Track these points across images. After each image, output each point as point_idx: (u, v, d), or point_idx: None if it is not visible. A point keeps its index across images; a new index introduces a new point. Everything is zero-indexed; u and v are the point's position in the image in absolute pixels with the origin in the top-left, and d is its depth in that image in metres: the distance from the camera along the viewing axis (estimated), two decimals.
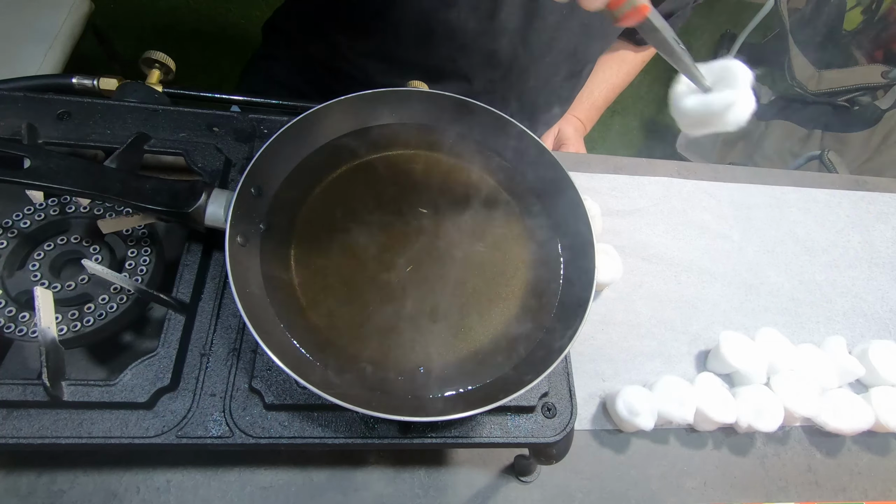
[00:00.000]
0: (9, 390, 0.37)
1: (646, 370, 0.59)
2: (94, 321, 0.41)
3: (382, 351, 0.43)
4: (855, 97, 1.55)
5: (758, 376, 0.58)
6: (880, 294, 0.70)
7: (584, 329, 0.41)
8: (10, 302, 0.41)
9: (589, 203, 0.56)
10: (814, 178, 0.81)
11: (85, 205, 0.45)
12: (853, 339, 0.66)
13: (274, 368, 0.41)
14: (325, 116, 0.49)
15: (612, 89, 0.93)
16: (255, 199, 0.45)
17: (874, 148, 1.53)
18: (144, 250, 0.45)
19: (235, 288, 0.38)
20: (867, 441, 0.59)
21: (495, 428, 0.42)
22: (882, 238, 0.76)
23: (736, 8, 2.25)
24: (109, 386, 0.38)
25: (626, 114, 2.03)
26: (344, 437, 0.40)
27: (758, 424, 0.54)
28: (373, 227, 0.48)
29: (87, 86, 0.57)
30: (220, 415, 0.39)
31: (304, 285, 0.44)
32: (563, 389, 0.44)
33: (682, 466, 0.55)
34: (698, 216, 0.72)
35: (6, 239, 0.43)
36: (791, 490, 0.55)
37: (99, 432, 0.38)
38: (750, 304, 0.66)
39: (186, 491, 0.46)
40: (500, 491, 0.50)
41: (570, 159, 0.76)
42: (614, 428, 0.55)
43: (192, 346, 0.41)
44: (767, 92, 1.68)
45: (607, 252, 0.62)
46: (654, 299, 0.65)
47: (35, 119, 0.48)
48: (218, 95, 0.63)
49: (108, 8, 1.73)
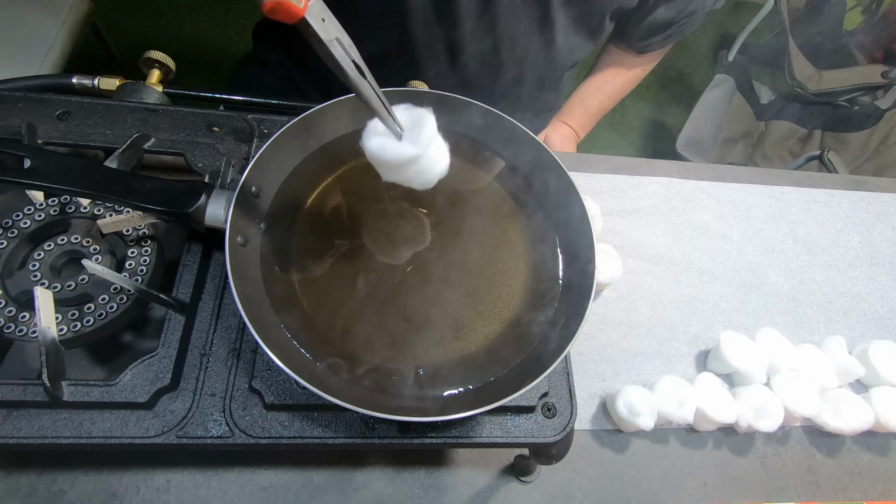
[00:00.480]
0: (9, 390, 0.37)
1: (646, 370, 0.59)
2: (94, 321, 0.41)
3: (382, 351, 0.43)
4: (855, 97, 1.55)
5: (758, 376, 0.58)
6: (880, 294, 0.70)
7: (584, 329, 0.41)
8: (10, 302, 0.41)
9: (589, 203, 0.56)
10: (814, 178, 0.81)
11: (85, 205, 0.45)
12: (853, 339, 0.66)
13: (274, 368, 0.41)
14: (324, 116, 0.49)
15: (608, 97, 0.91)
16: (255, 199, 0.45)
17: (874, 148, 1.53)
18: (144, 250, 0.45)
19: (235, 288, 0.38)
20: (867, 441, 0.59)
21: (495, 428, 0.42)
22: (882, 238, 0.76)
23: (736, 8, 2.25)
24: (109, 386, 0.38)
25: (626, 114, 2.03)
26: (344, 437, 0.40)
27: (758, 424, 0.54)
28: (372, 228, 0.48)
29: (87, 86, 0.57)
30: (220, 415, 0.39)
31: (304, 285, 0.44)
32: (563, 389, 0.44)
33: (682, 466, 0.55)
34: (698, 216, 0.72)
35: (6, 239, 0.43)
36: (791, 490, 0.55)
37: (99, 432, 0.38)
38: (750, 304, 0.66)
39: (186, 491, 0.46)
40: (500, 491, 0.50)
41: (571, 159, 0.76)
42: (614, 428, 0.55)
43: (192, 346, 0.41)
44: (767, 92, 1.69)
45: (607, 252, 0.62)
46: (654, 299, 0.65)
47: (35, 119, 0.48)
48: (218, 95, 0.63)
49: (108, 8, 1.73)
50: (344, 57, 0.35)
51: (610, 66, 0.90)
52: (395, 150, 0.39)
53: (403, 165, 0.40)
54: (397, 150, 0.39)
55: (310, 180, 0.49)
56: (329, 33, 0.34)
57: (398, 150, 0.39)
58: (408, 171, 0.40)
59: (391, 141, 0.39)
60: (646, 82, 0.99)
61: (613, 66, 0.90)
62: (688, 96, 2.01)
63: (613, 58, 0.89)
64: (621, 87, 0.91)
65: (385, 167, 0.41)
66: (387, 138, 0.39)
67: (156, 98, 0.56)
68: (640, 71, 0.91)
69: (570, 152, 0.89)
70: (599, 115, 0.94)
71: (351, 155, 0.51)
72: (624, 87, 0.92)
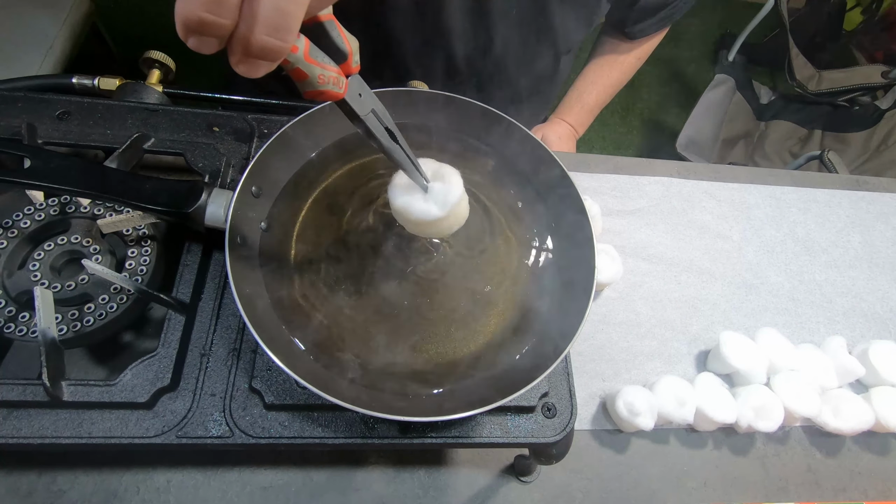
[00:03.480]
0: (9, 390, 0.37)
1: (646, 370, 0.59)
2: (94, 321, 0.41)
3: (382, 351, 0.43)
4: (855, 97, 1.55)
5: (758, 376, 0.58)
6: (880, 294, 0.70)
7: (584, 329, 0.41)
8: (10, 302, 0.41)
9: (589, 203, 0.56)
10: (814, 178, 0.81)
11: (85, 205, 0.45)
12: (853, 339, 0.66)
13: (274, 368, 0.41)
14: (325, 117, 0.49)
15: (604, 90, 0.90)
16: (255, 199, 0.45)
17: (874, 148, 1.53)
18: (144, 250, 0.45)
19: (235, 288, 0.38)
20: (867, 441, 0.59)
21: (495, 428, 0.42)
22: (882, 238, 0.76)
23: (736, 8, 2.25)
24: (109, 386, 0.38)
25: (626, 114, 2.03)
26: (344, 437, 0.40)
27: (758, 424, 0.54)
28: (373, 228, 0.48)
29: (87, 86, 0.57)
30: (220, 415, 0.39)
31: (304, 285, 0.44)
32: (563, 389, 0.44)
33: (682, 466, 0.55)
34: (698, 216, 0.72)
35: (6, 239, 0.43)
36: (791, 490, 0.55)
37: (99, 432, 0.38)
38: (750, 304, 0.66)
39: (186, 491, 0.46)
40: (500, 491, 0.50)
41: (571, 159, 0.76)
42: (614, 428, 0.55)
43: (192, 346, 0.41)
44: (767, 92, 1.69)
45: (607, 252, 0.62)
46: (654, 299, 0.65)
47: (35, 119, 0.48)
48: (218, 95, 0.63)
49: (108, 8, 1.73)
50: (378, 127, 0.35)
51: (604, 57, 0.89)
52: (420, 211, 0.40)
53: (428, 224, 0.40)
54: (423, 211, 0.39)
55: (310, 180, 0.49)
56: (365, 108, 0.34)
57: (424, 211, 0.39)
58: (430, 228, 0.41)
59: (418, 201, 0.40)
60: (646, 82, 0.99)
61: (608, 58, 0.89)
62: (688, 96, 2.01)
63: (608, 48, 0.89)
64: (617, 78, 0.90)
65: (410, 223, 0.42)
66: (412, 197, 0.40)
67: (156, 98, 0.56)
68: (635, 60, 0.90)
69: (570, 152, 0.89)
70: (597, 110, 0.93)
71: (351, 155, 0.51)
72: (620, 79, 0.91)
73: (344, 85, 0.32)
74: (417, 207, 0.40)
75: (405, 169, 0.38)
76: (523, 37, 0.73)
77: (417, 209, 0.40)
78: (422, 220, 0.40)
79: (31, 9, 1.11)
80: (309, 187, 0.49)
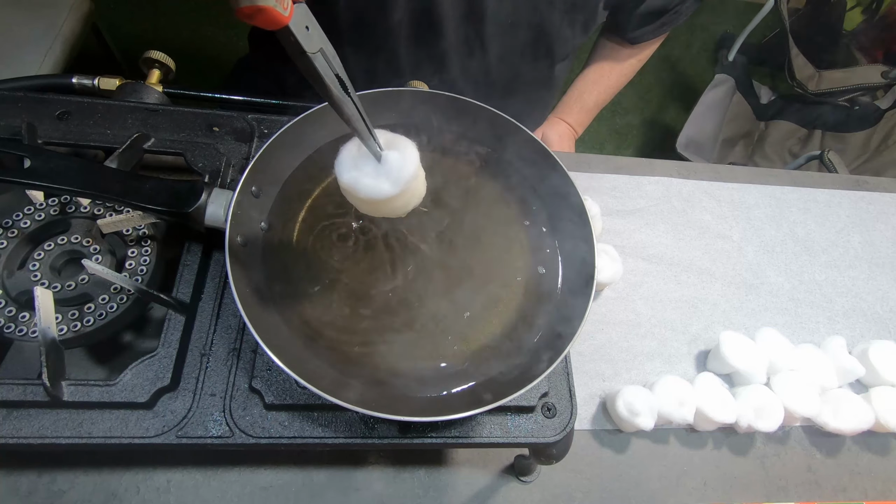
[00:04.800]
0: (9, 390, 0.37)
1: (646, 370, 0.59)
2: (94, 321, 0.41)
3: (383, 351, 0.43)
4: (855, 97, 1.55)
5: (758, 376, 0.58)
6: (880, 294, 0.70)
7: (584, 329, 0.41)
8: (10, 302, 0.41)
9: (589, 203, 0.56)
10: (814, 178, 0.81)
11: (85, 205, 0.45)
12: (853, 339, 0.66)
13: (274, 368, 0.41)
14: (325, 116, 0.49)
15: (603, 91, 0.90)
16: (255, 199, 0.45)
17: (874, 148, 1.53)
18: (144, 250, 0.45)
19: (235, 288, 0.38)
20: (867, 441, 0.59)
21: (495, 428, 0.42)
22: (882, 238, 0.76)
23: (736, 8, 2.25)
24: (109, 386, 0.38)
25: (626, 114, 2.03)
26: (344, 437, 0.40)
27: (758, 424, 0.54)
28: (373, 228, 0.48)
29: (87, 86, 0.57)
30: (220, 415, 0.39)
31: (304, 285, 0.44)
32: (563, 389, 0.44)
33: (682, 466, 0.55)
34: (698, 216, 0.72)
35: (6, 239, 0.43)
36: (791, 490, 0.55)
37: (99, 432, 0.38)
38: (750, 304, 0.66)
39: (186, 491, 0.46)
40: (500, 491, 0.50)
41: (571, 159, 0.76)
42: (614, 428, 0.55)
43: (192, 346, 0.41)
44: (767, 92, 1.69)
45: (607, 252, 0.62)
46: (654, 299, 0.65)
47: (35, 119, 0.48)
48: (218, 95, 0.63)
49: (108, 8, 1.73)
50: (327, 69, 0.32)
51: (604, 59, 0.89)
52: (370, 188, 0.35)
53: (379, 203, 0.36)
54: (373, 188, 0.35)
55: (310, 180, 0.49)
56: (313, 44, 0.30)
57: (374, 187, 0.35)
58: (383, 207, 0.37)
59: (367, 176, 0.35)
60: (646, 82, 0.99)
61: (608, 60, 0.89)
62: (688, 96, 2.01)
63: (607, 51, 0.89)
64: (617, 80, 0.91)
65: (360, 202, 0.38)
66: (361, 172, 0.35)
67: (156, 98, 0.56)
68: (636, 62, 0.90)
69: (570, 152, 0.89)
70: (597, 110, 0.93)
71: None
72: (620, 81, 0.91)
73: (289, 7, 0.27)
74: (366, 184, 0.35)
75: (356, 129, 0.34)
76: (519, 43, 0.73)
77: (367, 186, 0.35)
78: (372, 198, 0.35)
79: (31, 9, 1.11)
80: (309, 187, 0.49)
